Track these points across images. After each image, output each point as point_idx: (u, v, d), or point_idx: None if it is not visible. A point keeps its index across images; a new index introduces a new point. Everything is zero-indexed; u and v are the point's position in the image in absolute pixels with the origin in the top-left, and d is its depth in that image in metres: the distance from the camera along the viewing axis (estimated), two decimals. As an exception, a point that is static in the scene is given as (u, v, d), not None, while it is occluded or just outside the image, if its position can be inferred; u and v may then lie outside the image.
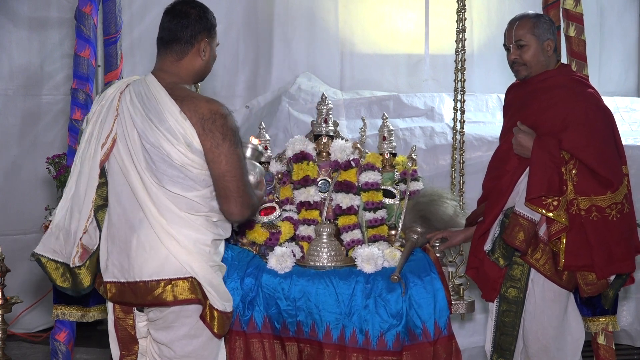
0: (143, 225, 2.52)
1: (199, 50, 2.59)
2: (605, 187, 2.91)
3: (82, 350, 4.65)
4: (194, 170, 2.49)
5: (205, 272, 2.54)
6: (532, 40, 3.07)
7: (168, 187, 2.50)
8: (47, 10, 5.25)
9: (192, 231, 2.52)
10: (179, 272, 2.51)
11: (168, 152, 2.48)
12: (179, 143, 2.47)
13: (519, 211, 2.96)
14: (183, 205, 2.52)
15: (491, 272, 3.07)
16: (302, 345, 3.16)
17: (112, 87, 2.66)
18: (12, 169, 5.24)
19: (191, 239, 2.52)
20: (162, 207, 2.51)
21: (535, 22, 3.08)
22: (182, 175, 2.50)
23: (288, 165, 3.57)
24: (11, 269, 3.48)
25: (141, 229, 2.53)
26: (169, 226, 2.50)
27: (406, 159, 3.60)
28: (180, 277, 2.52)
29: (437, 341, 3.13)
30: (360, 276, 3.18)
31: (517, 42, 3.09)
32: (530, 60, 3.08)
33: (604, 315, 3.43)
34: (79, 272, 2.63)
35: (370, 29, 5.81)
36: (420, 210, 3.41)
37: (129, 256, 2.54)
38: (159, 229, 2.50)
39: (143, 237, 2.52)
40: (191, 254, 2.52)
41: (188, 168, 2.49)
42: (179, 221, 2.51)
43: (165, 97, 2.50)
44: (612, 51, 6.03)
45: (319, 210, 3.47)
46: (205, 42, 2.60)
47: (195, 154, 2.48)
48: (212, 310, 2.56)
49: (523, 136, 2.98)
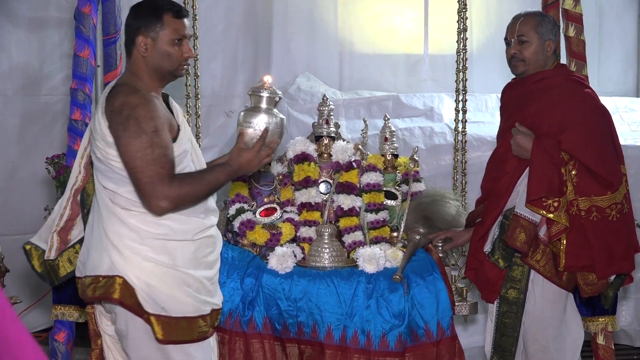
0: (94, 222, 2.57)
1: (139, 47, 2.55)
2: (605, 188, 2.92)
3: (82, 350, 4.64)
4: (115, 165, 2.46)
5: (138, 272, 2.47)
6: (534, 37, 3.07)
7: (103, 182, 2.52)
8: (47, 11, 5.24)
9: (126, 229, 2.48)
10: (110, 270, 2.49)
11: (93, 147, 2.53)
12: (98, 137, 2.48)
13: (519, 212, 2.96)
14: (119, 201, 2.49)
15: (491, 274, 3.07)
16: (303, 347, 3.15)
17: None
18: (11, 169, 5.23)
19: (123, 237, 2.48)
20: (102, 204, 2.53)
21: (540, 21, 3.09)
22: (109, 170, 2.49)
23: (289, 167, 3.57)
24: (10, 269, 3.47)
25: (94, 225, 2.58)
26: (105, 222, 2.51)
27: (408, 160, 3.60)
28: (109, 275, 2.48)
29: (440, 342, 3.12)
30: (362, 276, 3.18)
31: (519, 37, 3.09)
32: (530, 57, 3.08)
33: (603, 315, 3.44)
34: (53, 264, 2.74)
35: (369, 29, 5.80)
36: (422, 210, 3.40)
37: (88, 251, 2.58)
38: (99, 226, 2.53)
39: (95, 232, 2.56)
40: (122, 252, 2.48)
41: (110, 162, 2.47)
42: (112, 218, 2.50)
43: (102, 94, 2.54)
44: (611, 51, 6.03)
45: (320, 212, 3.46)
46: (142, 38, 2.54)
47: (111, 147, 2.46)
48: (147, 314, 2.48)
49: (522, 137, 2.98)
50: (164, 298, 2.48)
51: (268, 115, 2.60)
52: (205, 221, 2.60)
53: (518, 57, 3.10)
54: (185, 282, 2.52)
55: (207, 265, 2.61)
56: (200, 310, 2.55)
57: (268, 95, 2.63)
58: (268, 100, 2.63)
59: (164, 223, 2.49)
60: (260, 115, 2.59)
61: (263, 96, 2.63)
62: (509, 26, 3.15)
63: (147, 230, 2.48)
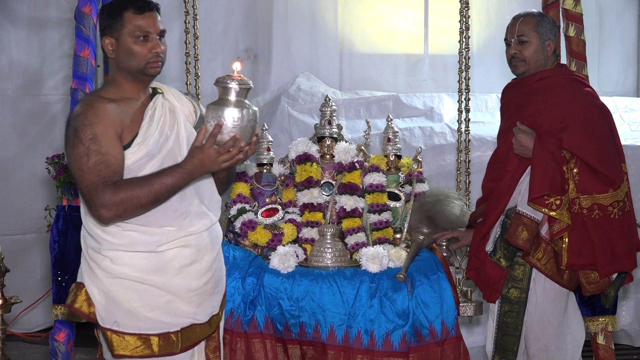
0: None
1: (106, 49, 2.49)
2: (607, 185, 2.92)
3: (82, 350, 4.64)
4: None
5: (98, 283, 2.43)
6: (534, 37, 3.08)
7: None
8: (47, 10, 5.25)
9: (91, 239, 2.45)
10: (80, 278, 2.49)
11: None
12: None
13: (521, 211, 2.96)
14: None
15: (493, 273, 3.07)
16: (305, 348, 3.14)
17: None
18: (11, 169, 5.24)
19: (88, 247, 2.46)
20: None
21: (539, 21, 3.09)
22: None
23: (291, 168, 3.56)
24: (10, 269, 3.47)
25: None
26: (82, 232, 2.50)
27: (411, 160, 3.60)
28: (77, 282, 2.48)
29: (445, 342, 3.10)
30: (365, 276, 3.16)
31: (519, 37, 3.09)
32: (530, 57, 3.09)
33: (604, 315, 3.44)
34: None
35: (369, 29, 5.81)
36: (426, 210, 3.39)
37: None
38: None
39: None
40: (88, 262, 2.46)
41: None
42: (84, 228, 2.48)
43: None
44: (611, 51, 6.03)
45: (322, 213, 3.46)
46: (107, 40, 2.48)
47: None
48: (103, 328, 2.43)
49: (523, 136, 2.98)
50: (119, 312, 2.41)
51: (238, 108, 2.28)
52: (177, 232, 2.44)
53: (518, 57, 3.11)
54: (151, 294, 2.42)
55: (189, 275, 2.47)
56: (162, 328, 2.44)
57: (237, 85, 2.30)
58: (237, 92, 2.29)
59: (126, 234, 2.40)
60: (228, 110, 2.27)
61: (231, 87, 2.29)
62: (508, 26, 3.16)
63: (110, 240, 2.40)
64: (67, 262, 3.53)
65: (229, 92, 2.29)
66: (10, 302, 3.41)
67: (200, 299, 2.51)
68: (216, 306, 2.59)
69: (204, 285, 2.52)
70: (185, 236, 2.46)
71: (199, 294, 2.51)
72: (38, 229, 4.86)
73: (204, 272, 2.51)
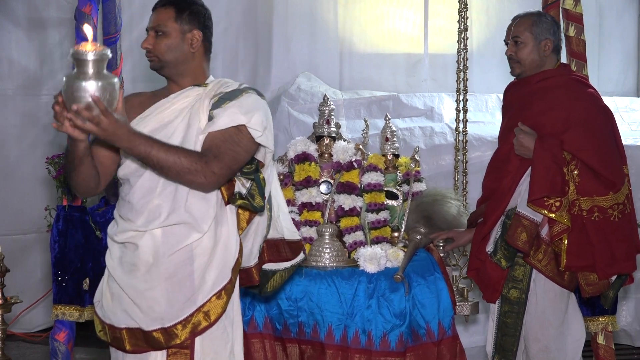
0: None
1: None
2: (608, 188, 2.92)
3: (82, 350, 4.65)
4: None
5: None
6: (528, 38, 3.07)
7: None
8: (47, 11, 5.25)
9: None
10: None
11: None
12: None
13: (521, 212, 2.96)
14: None
15: (493, 274, 3.07)
16: (304, 347, 3.15)
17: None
18: (11, 169, 5.24)
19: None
20: None
21: (535, 21, 3.09)
22: None
23: (290, 167, 3.56)
24: (11, 269, 3.47)
25: None
26: None
27: (409, 160, 3.60)
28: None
29: (441, 342, 3.12)
30: (363, 276, 3.17)
31: (514, 39, 3.09)
32: (525, 58, 3.08)
33: (604, 315, 3.44)
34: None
35: (369, 29, 5.81)
36: (423, 210, 3.40)
37: None
38: None
39: None
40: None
41: None
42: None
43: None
44: (612, 51, 6.04)
45: (320, 212, 3.46)
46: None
47: None
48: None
49: (525, 137, 2.98)
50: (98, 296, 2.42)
51: (97, 80, 2.02)
52: (127, 224, 2.34)
53: (514, 59, 3.11)
54: (110, 287, 2.37)
55: (134, 273, 2.33)
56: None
57: (93, 58, 2.02)
58: (94, 64, 2.02)
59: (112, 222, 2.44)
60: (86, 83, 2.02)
61: (88, 60, 2.01)
62: (507, 27, 3.16)
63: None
64: (67, 262, 3.52)
65: (86, 64, 2.03)
66: (11, 302, 3.41)
67: (141, 301, 2.36)
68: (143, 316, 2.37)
69: (145, 292, 2.36)
70: (130, 230, 2.36)
71: (140, 296, 2.37)
72: (38, 229, 4.85)
73: (141, 272, 2.38)
